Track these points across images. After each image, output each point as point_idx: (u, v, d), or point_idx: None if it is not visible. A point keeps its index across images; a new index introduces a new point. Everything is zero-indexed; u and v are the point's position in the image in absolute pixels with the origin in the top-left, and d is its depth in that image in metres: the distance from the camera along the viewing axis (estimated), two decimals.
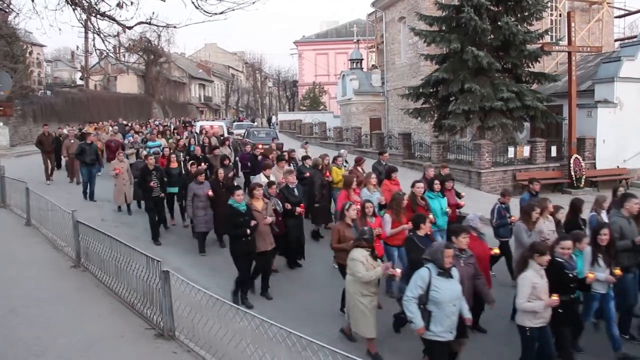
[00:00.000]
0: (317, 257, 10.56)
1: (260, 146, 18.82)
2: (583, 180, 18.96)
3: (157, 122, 35.34)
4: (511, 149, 19.40)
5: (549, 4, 22.98)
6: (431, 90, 21.27)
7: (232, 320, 5.48)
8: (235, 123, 44.19)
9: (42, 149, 18.47)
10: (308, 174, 12.38)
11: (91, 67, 52.26)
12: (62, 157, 19.29)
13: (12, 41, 28.89)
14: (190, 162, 12.76)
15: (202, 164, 13.39)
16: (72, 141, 18.27)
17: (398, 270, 6.77)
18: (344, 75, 38.45)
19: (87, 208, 13.91)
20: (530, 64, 20.55)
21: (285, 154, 14.31)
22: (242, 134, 28.64)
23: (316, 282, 9.47)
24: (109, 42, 8.16)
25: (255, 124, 55.29)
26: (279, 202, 9.42)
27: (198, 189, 10.91)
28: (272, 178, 10.92)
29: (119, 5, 7.15)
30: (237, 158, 17.67)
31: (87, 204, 14.86)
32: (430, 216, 8.46)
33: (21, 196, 12.55)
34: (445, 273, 5.66)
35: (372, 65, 40.18)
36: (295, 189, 10.06)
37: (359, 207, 8.61)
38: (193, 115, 63.14)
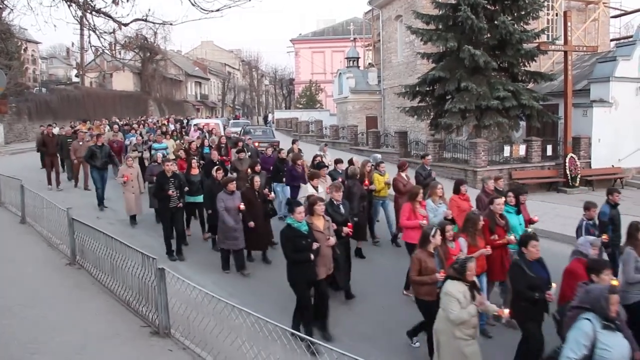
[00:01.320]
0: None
1: (256, 144, 18.73)
2: (578, 180, 19.01)
3: (154, 120, 35.02)
4: (507, 148, 19.44)
5: (546, 4, 23.01)
6: (427, 88, 21.29)
7: (227, 317, 5.48)
8: (232, 121, 44.09)
9: (46, 151, 17.29)
10: (341, 180, 10.98)
11: (87, 64, 52.06)
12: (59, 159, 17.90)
13: (6, 38, 28.84)
14: (216, 167, 11.20)
15: (220, 170, 11.84)
16: (80, 143, 16.82)
17: (506, 311, 5.83)
18: (340, 73, 38.46)
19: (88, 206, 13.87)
20: (526, 63, 20.59)
21: (318, 158, 12.74)
22: (239, 132, 28.59)
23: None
24: (105, 39, 8.16)
25: (249, 121, 55.11)
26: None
27: (228, 200, 9.51)
28: (320, 190, 9.82)
29: (115, 2, 7.13)
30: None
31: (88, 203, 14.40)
32: (512, 237, 7.61)
33: (16, 194, 12.52)
34: (611, 325, 4.63)
35: (369, 63, 40.18)
36: (342, 206, 8.66)
37: (425, 222, 8.05)
38: (189, 113, 63.03)
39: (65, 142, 17.82)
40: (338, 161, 12.07)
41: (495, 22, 19.19)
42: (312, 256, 6.89)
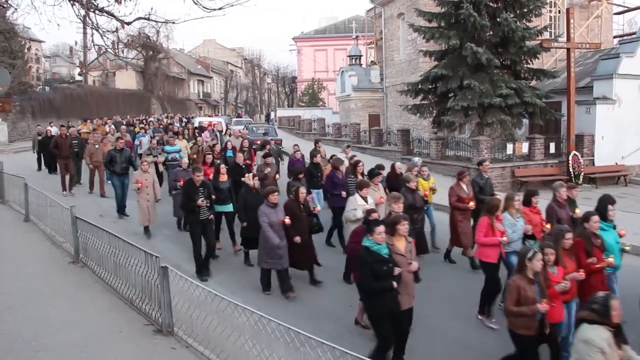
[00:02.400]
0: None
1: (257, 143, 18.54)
2: (582, 177, 18.96)
3: (156, 118, 34.96)
4: (510, 146, 19.40)
5: (548, 1, 22.97)
6: (430, 86, 21.27)
7: (230, 316, 5.48)
8: (234, 119, 44.10)
9: (59, 154, 15.99)
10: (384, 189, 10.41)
11: (90, 63, 52.18)
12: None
13: (10, 37, 28.84)
14: (253, 174, 10.26)
15: (245, 174, 11.12)
16: (96, 146, 15.81)
17: None
18: (342, 71, 38.45)
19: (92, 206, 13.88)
20: (529, 61, 20.57)
21: (359, 165, 11.25)
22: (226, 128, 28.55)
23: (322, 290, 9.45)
24: (108, 38, 8.19)
25: (251, 119, 55.03)
26: None
27: (271, 213, 8.40)
28: (370, 201, 8.88)
29: (118, 0, 7.15)
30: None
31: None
32: (610, 259, 6.69)
33: (20, 192, 12.54)
34: None
35: (371, 61, 40.15)
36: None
37: (505, 239, 7.32)
38: (192, 111, 63.10)
39: (69, 144, 16.92)
40: (379, 167, 10.96)
41: (498, 19, 19.18)
42: (394, 284, 5.99)
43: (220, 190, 10.38)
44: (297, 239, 8.46)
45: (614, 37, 29.08)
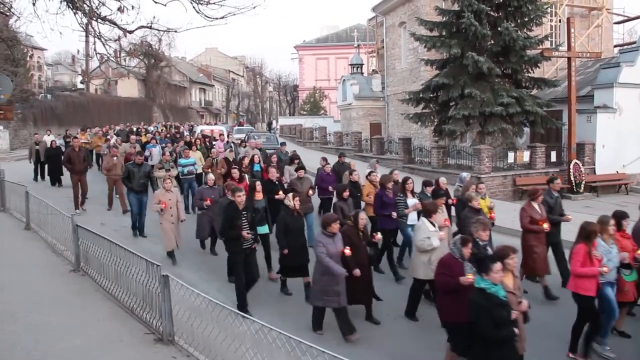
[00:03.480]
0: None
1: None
2: (583, 186, 18.96)
3: (155, 127, 34.75)
4: (511, 154, 19.42)
5: (549, 10, 23.06)
6: (431, 95, 21.32)
7: (231, 325, 5.47)
8: (236, 127, 44.17)
9: (72, 168, 14.71)
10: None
11: (92, 71, 52.31)
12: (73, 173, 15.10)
13: (12, 45, 28.96)
14: (293, 194, 9.02)
15: (280, 192, 10.22)
16: (114, 159, 14.68)
17: None
18: (344, 80, 38.54)
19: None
20: (530, 70, 20.62)
21: (409, 182, 10.22)
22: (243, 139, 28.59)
23: None
24: (110, 46, 8.19)
25: (252, 128, 55.04)
26: (474, 268, 5.98)
27: (330, 244, 7.25)
28: (437, 226, 7.96)
29: (120, 9, 7.17)
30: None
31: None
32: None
33: (21, 200, 12.54)
34: None
35: (373, 70, 40.27)
36: (488, 247, 6.82)
37: (605, 269, 6.54)
38: (193, 119, 63.18)
39: (99, 157, 16.60)
40: (427, 184, 10.36)
41: (499, 28, 19.26)
42: (516, 331, 5.19)
43: (256, 210, 9.33)
44: (357, 272, 7.37)
45: (615, 46, 29.16)
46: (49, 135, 22.60)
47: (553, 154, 20.02)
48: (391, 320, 8.07)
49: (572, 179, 18.86)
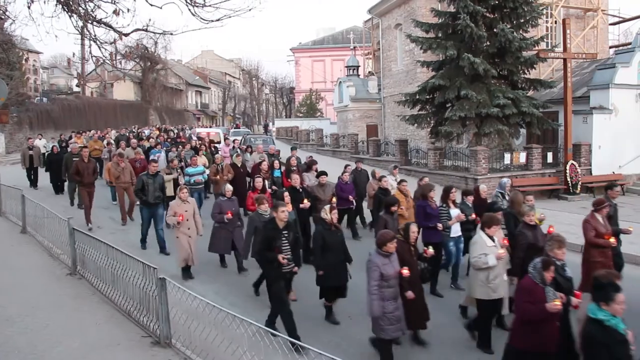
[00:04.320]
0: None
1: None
2: (579, 186, 18.99)
3: (150, 130, 34.50)
4: (507, 156, 19.45)
5: (544, 11, 23.11)
6: (427, 96, 21.32)
7: (228, 327, 5.46)
8: (232, 130, 44.15)
9: (81, 181, 13.34)
10: (474, 217, 9.17)
11: (87, 74, 52.33)
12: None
13: (8, 48, 28.96)
14: (331, 206, 7.94)
15: (335, 211, 8.41)
16: (122, 166, 13.59)
17: None
18: (340, 82, 38.55)
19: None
20: (526, 71, 20.64)
21: (452, 191, 9.57)
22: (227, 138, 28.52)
23: (314, 290, 9.39)
24: (106, 49, 8.19)
25: (249, 130, 54.89)
26: (557, 293, 5.44)
27: (386, 264, 6.32)
28: (497, 241, 7.16)
29: (116, 12, 7.16)
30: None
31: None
32: None
33: (17, 203, 12.53)
34: None
35: (369, 72, 40.31)
36: (566, 268, 6.16)
37: None
38: (190, 122, 63.17)
39: (69, 161, 15.00)
40: (467, 193, 9.80)
41: (495, 30, 19.31)
42: None
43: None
44: (410, 294, 6.60)
45: (610, 47, 29.23)
46: (40, 139, 22.03)
47: (549, 155, 20.05)
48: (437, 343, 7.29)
49: (569, 179, 18.87)
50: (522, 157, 19.51)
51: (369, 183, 12.87)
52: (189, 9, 7.35)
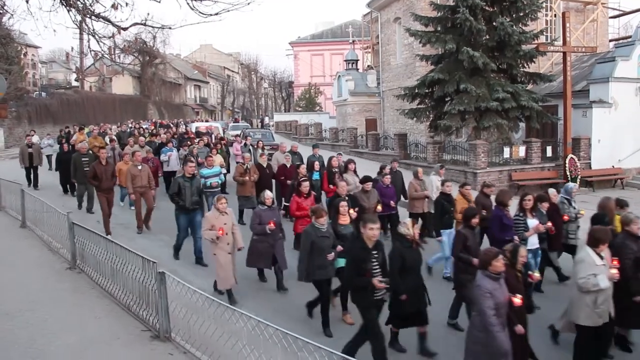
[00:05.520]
0: None
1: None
2: (578, 180, 18.99)
3: (147, 125, 34.30)
4: (507, 149, 19.45)
5: (544, 5, 23.07)
6: (427, 90, 21.29)
7: (228, 321, 5.47)
8: (231, 124, 44.09)
9: (99, 186, 11.96)
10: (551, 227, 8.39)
11: (86, 69, 52.17)
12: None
13: (6, 42, 28.90)
14: (412, 220, 7.01)
15: (351, 210, 8.46)
16: (139, 167, 12.21)
17: None
18: (339, 76, 38.47)
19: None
20: (525, 64, 20.62)
21: (527, 199, 8.42)
22: (239, 135, 28.54)
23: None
24: (104, 44, 8.15)
25: (248, 124, 54.62)
26: None
27: (496, 289, 5.43)
28: (605, 258, 6.27)
29: (114, 6, 7.13)
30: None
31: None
32: None
33: (16, 198, 12.52)
34: None
35: (368, 65, 40.21)
36: None
37: None
38: (189, 116, 63.08)
39: (78, 161, 13.99)
40: (541, 199, 8.70)
41: (494, 23, 19.27)
42: None
43: (343, 237, 7.65)
44: (520, 329, 5.73)
45: (610, 40, 29.18)
46: (32, 135, 20.64)
47: (549, 149, 20.05)
48: None
49: (568, 173, 18.88)
50: (521, 151, 19.51)
51: (410, 184, 11.66)
52: (188, 3, 7.32)
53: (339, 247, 7.41)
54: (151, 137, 20.09)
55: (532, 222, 8.29)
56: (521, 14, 19.92)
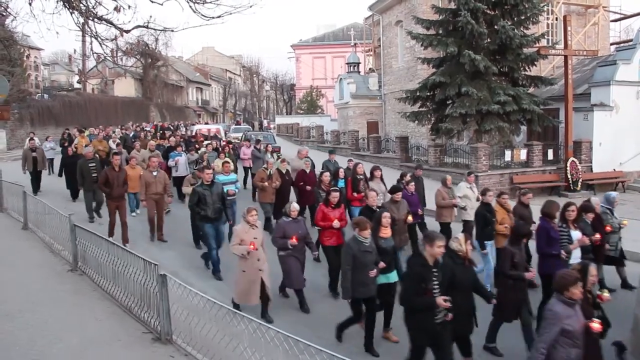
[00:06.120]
0: (322, 266, 9.92)
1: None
2: (580, 184, 18.99)
3: (149, 127, 34.24)
4: (508, 152, 19.43)
5: (545, 8, 23.07)
6: (428, 93, 21.31)
7: (229, 323, 5.47)
8: (233, 127, 44.11)
9: (110, 193, 11.38)
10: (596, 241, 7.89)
11: (89, 71, 52.27)
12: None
13: (9, 44, 28.88)
14: (465, 235, 6.39)
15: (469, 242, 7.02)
16: (154, 174, 11.66)
17: None
18: (341, 78, 38.52)
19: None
20: (526, 68, 20.63)
21: (571, 209, 7.90)
22: (240, 138, 28.56)
23: (315, 285, 9.42)
24: (107, 46, 8.16)
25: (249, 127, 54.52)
26: None
27: (571, 316, 4.98)
28: None
29: (117, 9, 7.16)
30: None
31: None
32: None
33: (18, 200, 12.52)
34: None
35: (370, 68, 40.27)
36: None
37: None
38: (190, 118, 63.14)
39: (85, 168, 13.27)
40: (586, 209, 8.24)
41: (495, 26, 19.30)
42: None
43: (384, 252, 7.12)
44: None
45: (611, 44, 29.20)
46: (32, 139, 20.22)
47: (550, 152, 20.04)
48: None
49: (569, 177, 18.86)
50: (522, 154, 19.50)
51: (438, 191, 11.15)
52: (190, 6, 7.34)
53: (381, 263, 6.91)
54: (159, 141, 19.24)
55: (576, 234, 7.82)
56: (522, 18, 19.94)
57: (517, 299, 6.65)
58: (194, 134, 24.12)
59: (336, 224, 8.60)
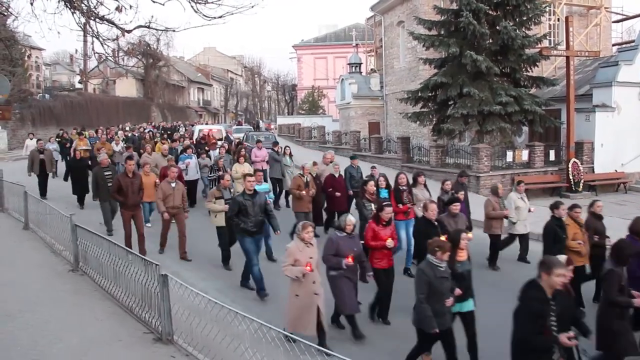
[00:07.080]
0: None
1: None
2: (581, 184, 18.96)
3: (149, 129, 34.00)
4: (510, 153, 19.41)
5: (547, 9, 23.06)
6: (430, 94, 21.30)
7: (230, 324, 5.46)
8: (234, 127, 44.13)
9: (124, 202, 10.50)
10: None
11: (90, 71, 52.37)
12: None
13: (10, 44, 28.90)
14: (568, 259, 5.81)
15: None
16: (173, 185, 10.44)
17: None
18: (342, 79, 38.55)
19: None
20: (528, 69, 20.62)
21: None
22: (242, 138, 28.52)
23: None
24: (108, 46, 8.16)
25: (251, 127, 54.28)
26: None
27: None
28: None
29: (118, 8, 7.15)
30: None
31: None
32: None
33: (19, 200, 12.52)
34: None
35: (371, 69, 40.27)
36: None
37: None
38: (192, 119, 63.15)
39: (100, 176, 12.02)
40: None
41: (497, 27, 19.28)
42: None
43: (461, 277, 6.31)
44: None
45: (613, 45, 29.16)
46: (31, 139, 19.76)
47: (552, 153, 20.01)
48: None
49: (571, 177, 18.84)
50: (524, 155, 19.48)
51: (488, 201, 10.49)
52: (192, 6, 7.33)
53: (457, 290, 6.09)
54: (172, 142, 17.95)
55: None
56: (524, 18, 19.93)
57: (625, 330, 5.71)
58: (203, 135, 22.06)
59: (390, 243, 7.58)
